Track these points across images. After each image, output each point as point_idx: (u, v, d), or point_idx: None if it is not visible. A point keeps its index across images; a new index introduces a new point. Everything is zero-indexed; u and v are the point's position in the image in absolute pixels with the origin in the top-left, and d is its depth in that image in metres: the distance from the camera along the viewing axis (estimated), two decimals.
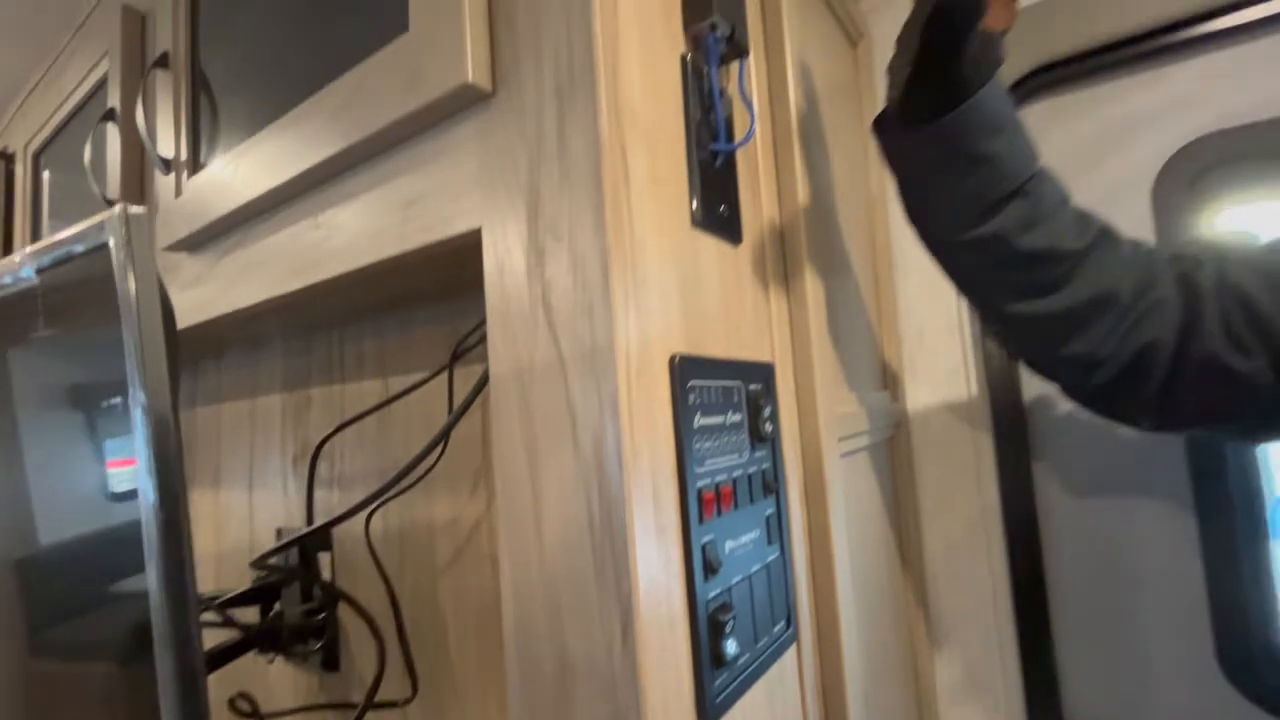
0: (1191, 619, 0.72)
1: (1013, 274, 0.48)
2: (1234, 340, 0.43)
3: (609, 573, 0.33)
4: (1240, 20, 0.69)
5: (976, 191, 0.46)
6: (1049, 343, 0.49)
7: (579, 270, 0.34)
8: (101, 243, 0.28)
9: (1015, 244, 0.46)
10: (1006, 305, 0.49)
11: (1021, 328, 0.50)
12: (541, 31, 0.37)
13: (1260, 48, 0.70)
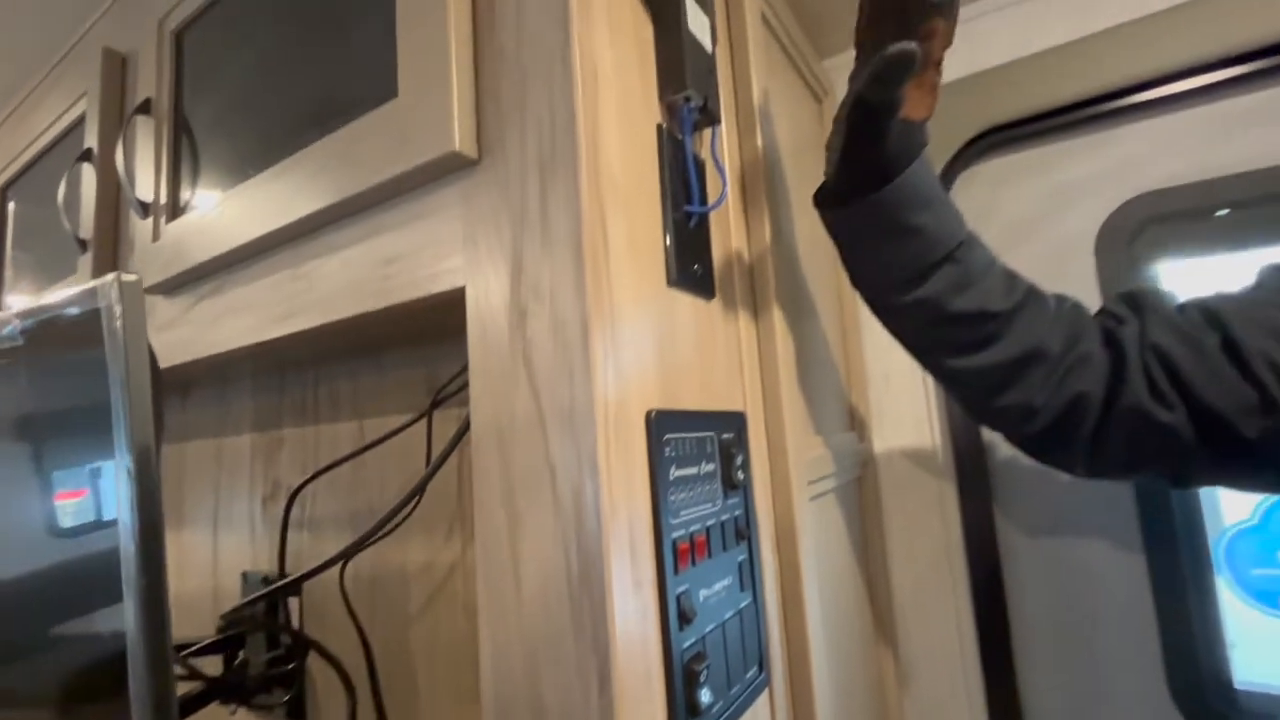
0: (1145, 652, 0.75)
1: (947, 332, 0.51)
2: (1156, 393, 0.47)
3: (586, 626, 0.34)
4: (1170, 91, 0.76)
5: (908, 260, 0.50)
6: (985, 394, 0.51)
7: (560, 332, 0.36)
8: (94, 308, 0.29)
9: (947, 306, 0.49)
10: (944, 361, 0.52)
11: (960, 381, 0.53)
12: (526, 104, 0.39)
13: (1188, 116, 0.76)
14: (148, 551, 0.27)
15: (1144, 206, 0.76)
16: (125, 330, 0.28)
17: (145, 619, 0.27)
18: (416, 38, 0.42)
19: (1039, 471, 0.81)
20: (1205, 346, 0.46)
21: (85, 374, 0.29)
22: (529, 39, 0.40)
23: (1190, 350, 0.46)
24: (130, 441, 0.27)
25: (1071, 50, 0.79)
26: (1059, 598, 0.79)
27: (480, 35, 0.42)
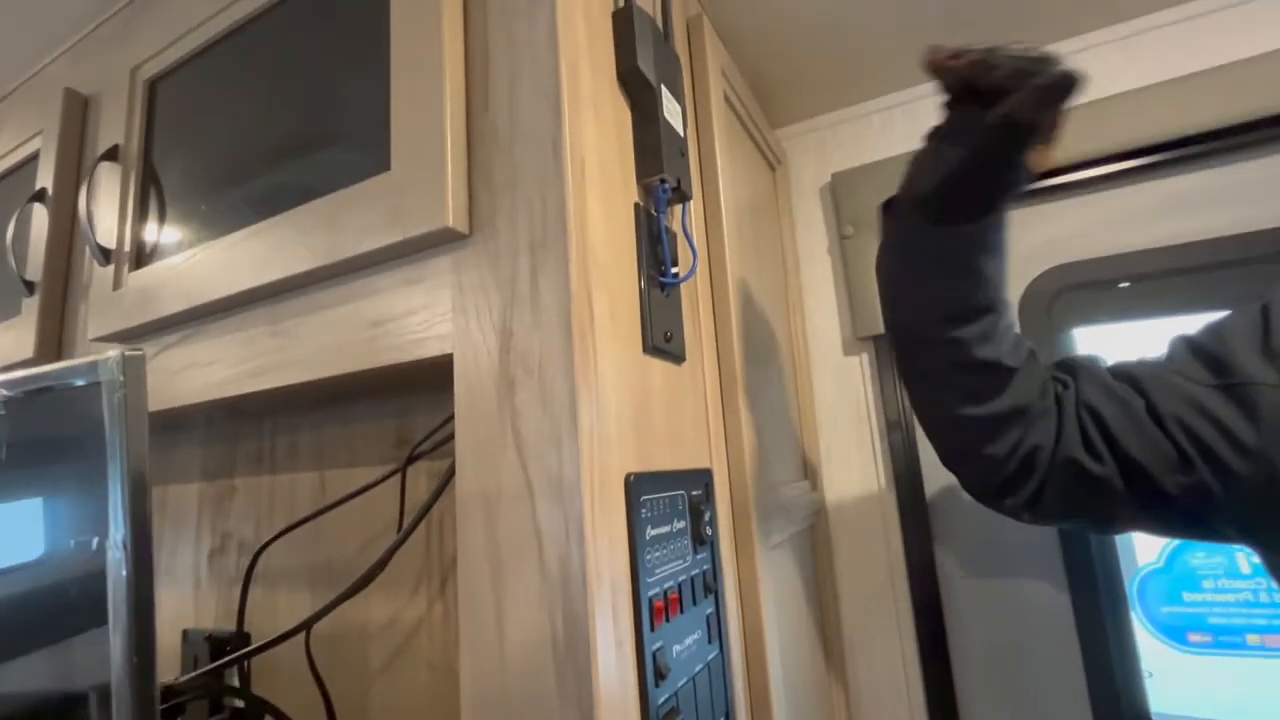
0: (1071, 684, 0.80)
1: (965, 377, 0.53)
2: (1090, 448, 0.52)
3: (570, 687, 0.35)
4: (1086, 176, 0.85)
5: (962, 298, 0.51)
6: (974, 442, 0.54)
7: (549, 404, 0.38)
8: (95, 381, 0.29)
9: (973, 352, 0.51)
10: (954, 405, 0.54)
11: (957, 426, 0.55)
12: (517, 186, 0.42)
13: (1101, 199, 0.86)
14: (140, 615, 0.27)
15: (1058, 276, 0.85)
16: (127, 405, 0.29)
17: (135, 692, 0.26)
18: (411, 114, 0.45)
19: (973, 515, 0.87)
20: (1132, 408, 0.51)
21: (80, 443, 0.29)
22: (522, 123, 0.43)
23: (1120, 410, 0.51)
24: (127, 513, 0.27)
25: None
26: (994, 633, 0.85)
27: (473, 113, 0.45)
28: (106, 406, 0.29)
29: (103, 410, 0.29)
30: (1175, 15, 0.82)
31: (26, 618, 0.32)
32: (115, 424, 0.29)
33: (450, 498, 0.51)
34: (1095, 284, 0.84)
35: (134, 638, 0.27)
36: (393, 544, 0.49)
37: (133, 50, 0.67)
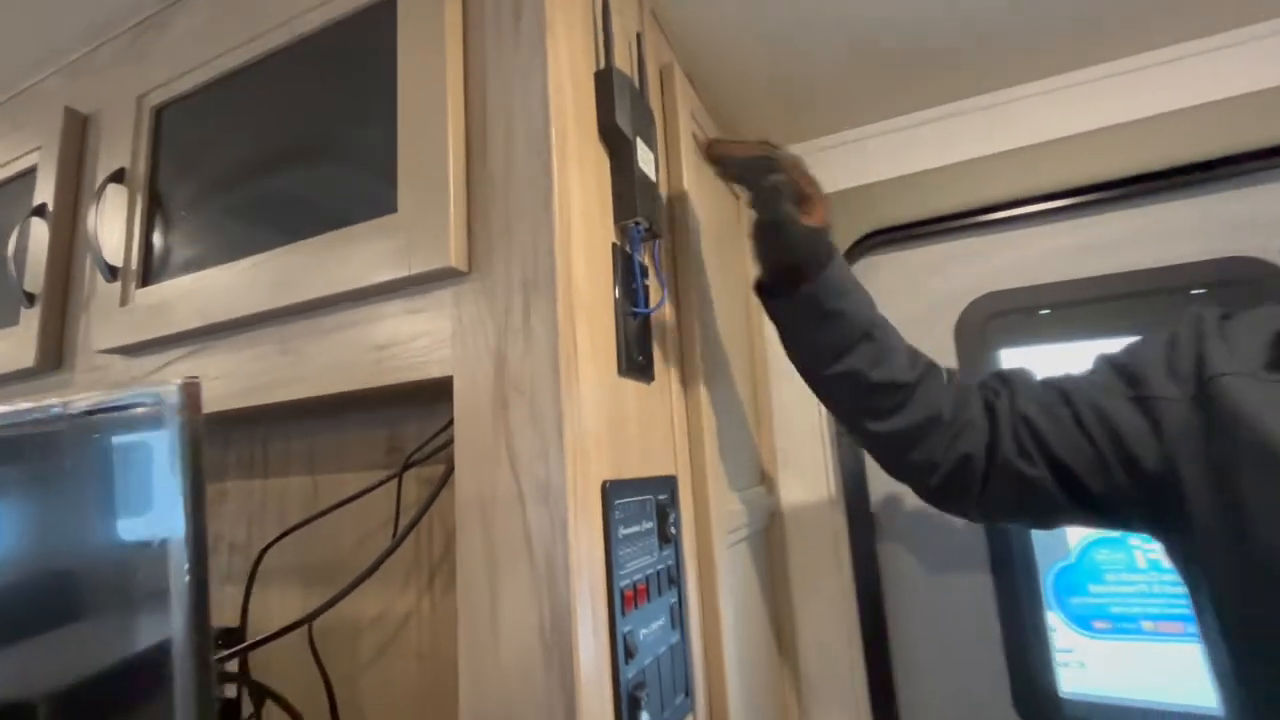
0: (995, 671, 0.90)
1: (868, 400, 0.61)
2: (1023, 453, 0.57)
3: (555, 666, 0.42)
4: (1014, 213, 0.95)
5: (834, 338, 0.61)
6: (898, 453, 0.62)
7: (538, 422, 0.45)
8: (158, 404, 0.34)
9: (866, 376, 0.60)
10: (866, 425, 0.63)
11: (878, 442, 0.63)
12: (512, 231, 0.48)
13: (1027, 234, 0.96)
14: (198, 599, 0.32)
15: (989, 303, 0.95)
16: (186, 426, 0.34)
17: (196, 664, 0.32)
18: (417, 162, 0.51)
19: (911, 518, 0.96)
20: (1061, 417, 0.57)
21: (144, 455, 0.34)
22: (516, 174, 0.49)
23: (1050, 420, 0.57)
24: (188, 516, 0.33)
25: (939, 173, 0.98)
26: (927, 621, 0.94)
27: (473, 163, 0.51)
28: (168, 427, 0.34)
29: (164, 429, 0.34)
30: (1093, 74, 0.93)
31: (98, 601, 0.37)
32: (175, 441, 0.34)
33: (437, 501, 0.57)
34: (1021, 310, 0.94)
35: (194, 618, 0.32)
36: (395, 540, 0.55)
37: (138, 76, 0.71)
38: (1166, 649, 0.86)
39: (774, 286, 0.64)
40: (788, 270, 0.62)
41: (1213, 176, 0.85)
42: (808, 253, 0.61)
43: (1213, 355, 0.52)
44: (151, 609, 0.32)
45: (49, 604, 0.38)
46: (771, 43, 0.85)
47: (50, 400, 0.40)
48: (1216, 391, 0.50)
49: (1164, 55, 0.89)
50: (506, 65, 0.51)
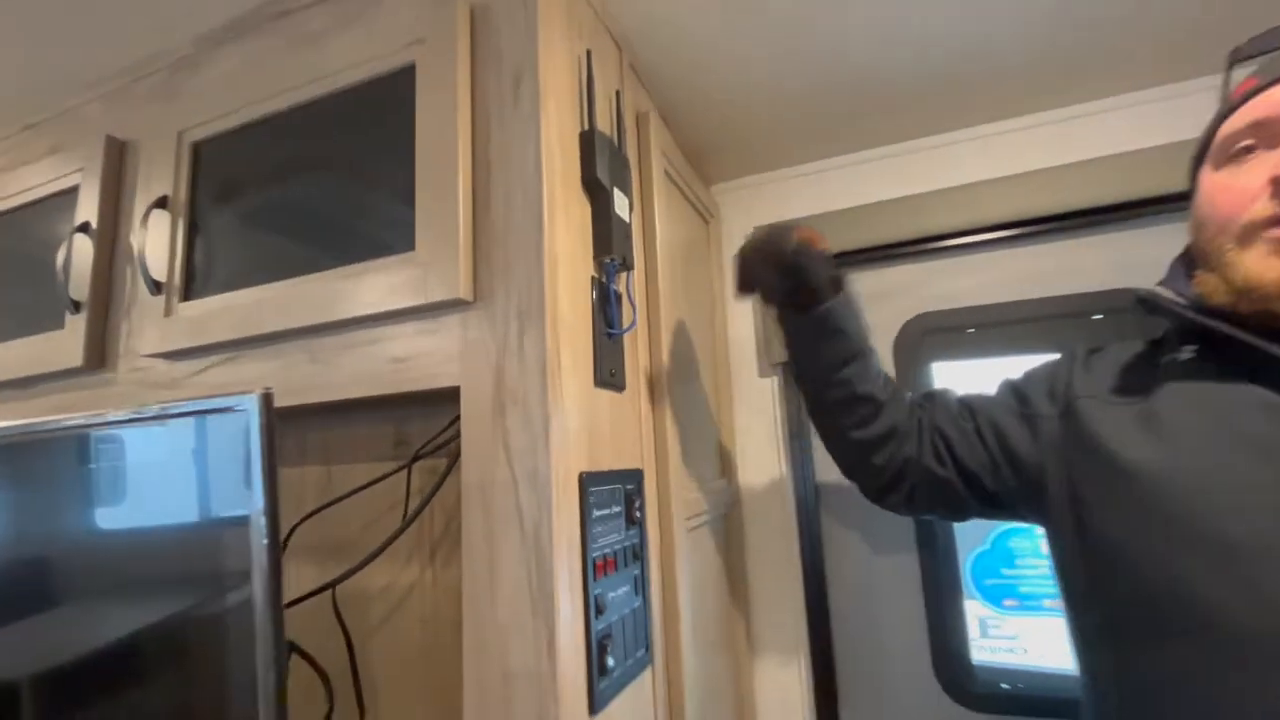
0: (918, 644, 1.04)
1: (849, 407, 0.73)
2: (938, 457, 0.71)
3: (540, 614, 0.54)
4: (954, 243, 1.08)
5: (839, 351, 0.72)
6: (860, 455, 0.74)
7: (529, 424, 0.56)
8: (241, 409, 0.45)
9: (855, 388, 0.72)
10: (843, 428, 0.75)
11: (847, 444, 0.75)
12: (510, 270, 0.60)
13: (955, 262, 1.09)
14: (273, 560, 0.43)
15: (923, 322, 1.08)
16: (263, 426, 0.45)
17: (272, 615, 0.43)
18: (432, 211, 0.62)
19: (851, 508, 1.09)
20: (965, 429, 0.71)
21: (228, 447, 0.45)
22: (514, 223, 0.60)
23: (957, 431, 0.71)
24: (265, 495, 0.43)
25: (886, 205, 1.10)
26: (862, 598, 1.08)
27: (478, 213, 0.62)
28: (249, 426, 0.45)
29: (247, 429, 0.45)
30: (1019, 124, 1.06)
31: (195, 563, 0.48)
32: (255, 438, 0.44)
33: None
34: (950, 329, 1.07)
35: (270, 573, 0.43)
36: (410, 517, 0.66)
37: (177, 113, 0.80)
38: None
39: (794, 306, 0.75)
40: (807, 292, 0.73)
41: (1111, 219, 0.99)
42: (827, 280, 0.73)
43: (1076, 382, 0.65)
44: (238, 566, 0.43)
45: (158, 563, 0.48)
46: (740, 88, 0.97)
47: (150, 404, 0.50)
48: (1075, 411, 0.63)
49: (1078, 110, 1.03)
50: (508, 127, 0.63)
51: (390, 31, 0.67)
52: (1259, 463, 0.50)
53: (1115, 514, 0.58)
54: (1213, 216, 0.55)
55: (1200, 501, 0.52)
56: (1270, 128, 0.51)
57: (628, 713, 0.64)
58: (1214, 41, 0.89)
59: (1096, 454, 0.60)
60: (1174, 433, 0.55)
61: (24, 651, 0.49)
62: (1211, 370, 0.56)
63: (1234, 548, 0.49)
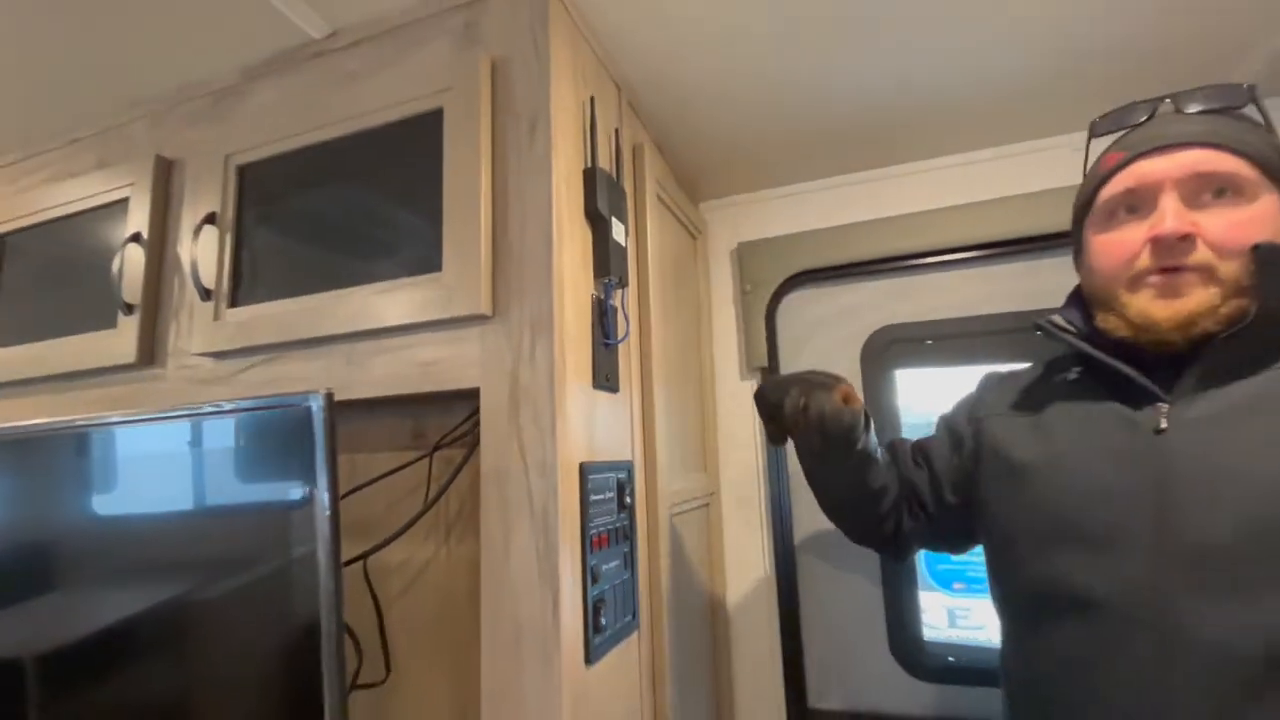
0: (876, 626, 1.16)
1: (864, 504, 0.81)
2: (910, 510, 0.82)
3: (546, 579, 0.64)
4: (915, 263, 1.20)
5: (860, 471, 0.78)
6: (871, 527, 0.83)
7: (538, 421, 0.67)
8: (307, 405, 0.55)
9: (871, 486, 0.79)
10: (856, 518, 0.85)
11: (863, 523, 0.84)
12: (524, 288, 0.70)
13: (917, 279, 1.21)
14: (334, 531, 0.54)
15: (887, 332, 1.20)
16: (326, 420, 0.55)
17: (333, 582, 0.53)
18: (457, 237, 0.72)
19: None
20: (923, 477, 0.81)
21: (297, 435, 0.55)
22: (528, 249, 0.71)
23: (919, 480, 0.81)
24: (327, 475, 0.54)
25: (857, 227, 1.22)
26: (828, 588, 1.20)
27: (497, 239, 0.73)
28: (315, 419, 0.55)
29: (312, 421, 0.55)
30: (976, 158, 1.18)
31: (267, 534, 0.58)
32: (319, 429, 0.55)
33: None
34: (910, 340, 1.19)
35: (331, 542, 0.53)
36: (434, 498, 0.77)
37: (222, 137, 0.90)
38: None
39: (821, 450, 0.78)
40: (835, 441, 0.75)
41: (1056, 246, 1.11)
42: (861, 428, 0.75)
43: (986, 403, 0.78)
44: (305, 534, 0.54)
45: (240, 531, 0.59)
46: (727, 121, 1.08)
47: (224, 400, 0.61)
48: (983, 427, 0.76)
49: (1030, 146, 1.15)
50: (523, 166, 0.73)
51: (420, 77, 0.78)
52: (1118, 469, 0.60)
53: (1010, 510, 0.69)
54: (1104, 268, 0.65)
55: (1072, 500, 0.62)
56: (1140, 194, 0.62)
57: (617, 667, 0.75)
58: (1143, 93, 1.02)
59: (997, 457, 0.72)
60: (1056, 440, 0.66)
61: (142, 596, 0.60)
62: (1090, 389, 0.66)
63: (1098, 539, 0.59)
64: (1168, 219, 0.59)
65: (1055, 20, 0.87)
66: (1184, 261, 0.58)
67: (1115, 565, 0.58)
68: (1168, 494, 0.57)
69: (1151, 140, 0.63)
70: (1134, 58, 0.94)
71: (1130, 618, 0.56)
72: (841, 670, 1.17)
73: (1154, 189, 0.61)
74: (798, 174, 1.27)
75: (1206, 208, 0.59)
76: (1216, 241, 0.58)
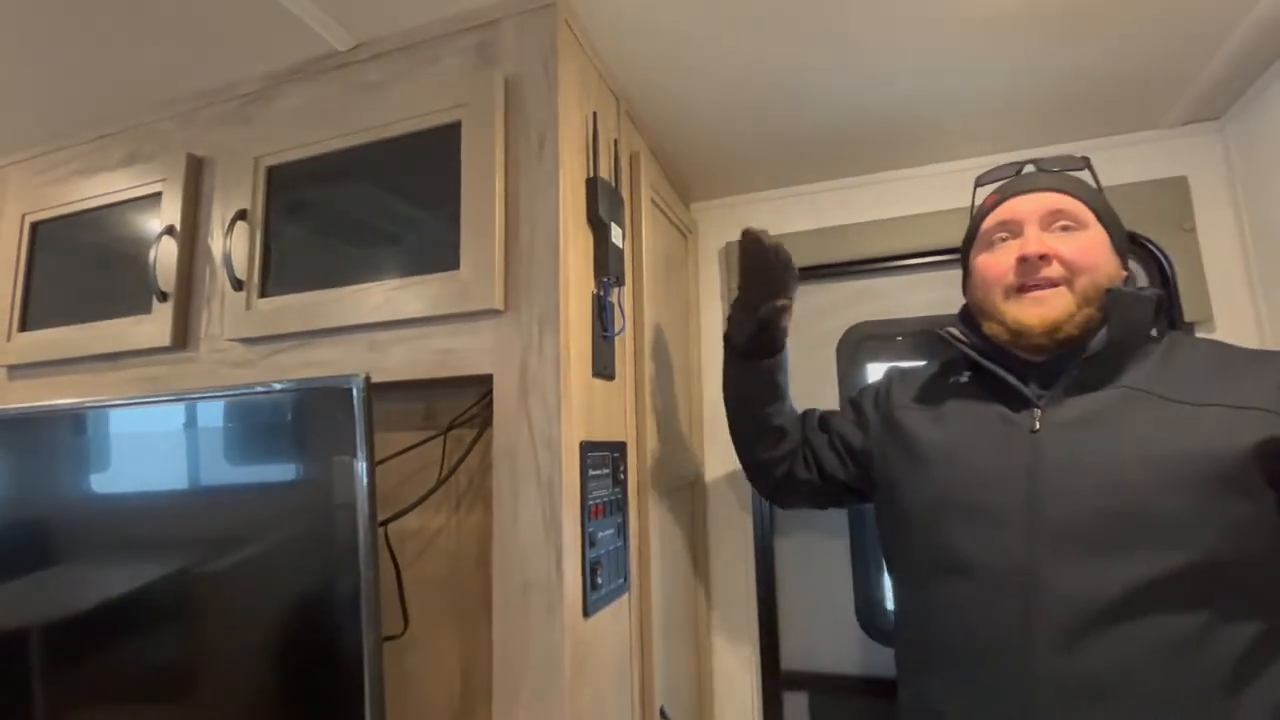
0: (844, 596, 1.27)
1: (765, 435, 0.97)
2: (805, 465, 0.97)
3: (550, 541, 0.74)
4: (888, 265, 1.30)
5: (766, 396, 0.96)
6: (768, 469, 0.98)
7: (545, 404, 0.76)
8: (346, 388, 0.64)
9: (770, 421, 0.96)
10: (757, 450, 0.98)
11: (758, 460, 0.99)
12: (533, 286, 0.79)
13: (890, 280, 1.31)
14: (371, 506, 0.63)
15: (861, 329, 1.30)
16: (364, 404, 0.64)
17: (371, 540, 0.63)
18: (474, 239, 0.81)
19: None
20: (823, 440, 0.97)
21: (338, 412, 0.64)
22: (537, 251, 0.80)
23: (818, 441, 0.97)
24: (366, 446, 0.62)
25: (833, 231, 1.32)
26: (802, 561, 1.31)
27: (509, 242, 0.81)
28: (355, 398, 0.64)
29: (353, 399, 0.64)
30: (948, 168, 1.28)
31: (316, 488, 0.67)
32: (359, 406, 0.64)
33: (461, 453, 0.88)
34: (881, 336, 1.30)
35: (369, 502, 0.62)
36: (448, 471, 0.86)
37: (251, 139, 0.97)
38: None
39: (744, 353, 0.96)
40: (756, 350, 0.95)
41: None
42: (777, 341, 0.95)
43: (893, 395, 0.92)
44: (346, 499, 0.63)
45: (291, 496, 0.68)
46: (719, 129, 1.17)
47: (274, 381, 0.69)
48: (892, 415, 0.89)
49: (998, 159, 1.24)
50: (533, 177, 0.82)
51: (438, 91, 0.86)
52: (998, 458, 0.74)
53: (913, 487, 0.82)
54: (985, 282, 0.80)
55: (962, 482, 0.76)
56: (1010, 225, 0.79)
57: (610, 621, 0.85)
58: (1099, 114, 1.12)
59: (904, 442, 0.85)
60: (951, 431, 0.80)
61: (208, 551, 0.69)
62: (978, 389, 0.81)
63: (981, 514, 0.73)
64: (1030, 243, 0.75)
65: (1012, 52, 0.96)
66: (1044, 275, 0.74)
67: (994, 535, 0.71)
68: (1038, 481, 0.70)
69: (1019, 186, 0.82)
70: (1081, 88, 1.04)
71: (1003, 576, 0.70)
72: (812, 635, 1.29)
73: (1020, 221, 0.78)
74: (780, 180, 1.36)
75: (1058, 235, 0.76)
76: (1068, 259, 0.74)
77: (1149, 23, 0.90)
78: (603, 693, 0.82)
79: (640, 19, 0.89)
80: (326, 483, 0.66)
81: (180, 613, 0.75)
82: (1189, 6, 0.88)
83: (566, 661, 0.73)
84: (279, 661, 0.70)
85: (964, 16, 0.89)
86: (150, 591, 0.74)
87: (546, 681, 0.72)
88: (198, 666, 0.77)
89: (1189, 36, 0.94)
